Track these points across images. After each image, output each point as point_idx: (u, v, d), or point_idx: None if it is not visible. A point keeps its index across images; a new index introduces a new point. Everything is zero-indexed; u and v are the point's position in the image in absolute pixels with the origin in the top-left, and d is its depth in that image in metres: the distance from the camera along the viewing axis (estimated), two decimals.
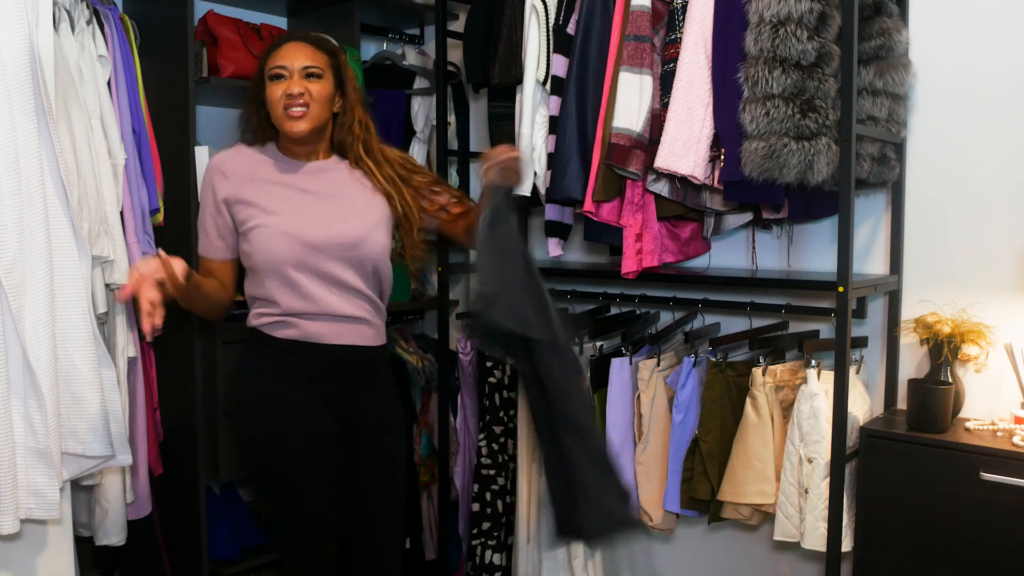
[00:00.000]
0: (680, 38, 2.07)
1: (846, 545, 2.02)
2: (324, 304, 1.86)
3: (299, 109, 1.86)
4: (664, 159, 2.04)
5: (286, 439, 1.85)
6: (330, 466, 1.91)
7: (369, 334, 1.93)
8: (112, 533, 2.20)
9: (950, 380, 2.07)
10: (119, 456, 1.79)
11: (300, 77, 1.87)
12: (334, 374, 1.89)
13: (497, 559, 2.58)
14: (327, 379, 1.89)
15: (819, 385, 2.07)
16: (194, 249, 2.31)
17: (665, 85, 2.12)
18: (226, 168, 1.92)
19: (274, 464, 1.88)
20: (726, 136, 1.97)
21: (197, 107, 2.42)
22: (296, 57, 1.88)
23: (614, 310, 2.69)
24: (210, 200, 1.92)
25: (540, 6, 2.27)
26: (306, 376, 1.87)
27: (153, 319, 1.59)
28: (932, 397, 2.00)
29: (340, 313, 1.87)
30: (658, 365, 2.32)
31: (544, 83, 2.29)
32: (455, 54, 2.78)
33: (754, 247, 2.48)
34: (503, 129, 2.52)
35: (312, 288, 1.85)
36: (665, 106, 2.09)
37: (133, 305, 2.25)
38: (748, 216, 2.33)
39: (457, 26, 2.90)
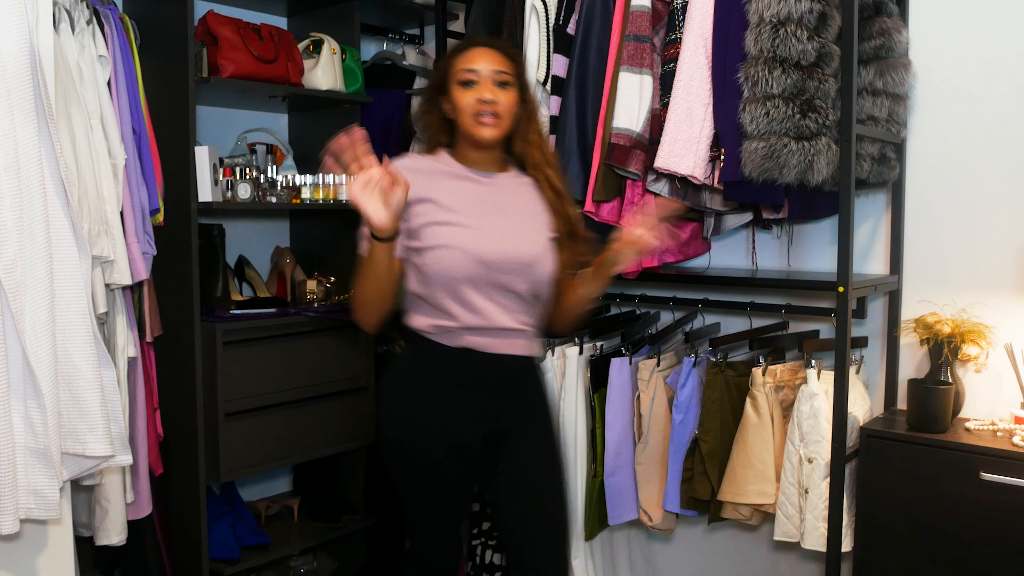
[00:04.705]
0: (680, 38, 2.07)
1: (846, 545, 2.02)
2: (491, 318, 1.82)
3: (490, 118, 1.83)
4: (664, 159, 2.04)
5: (432, 447, 1.85)
6: (471, 474, 1.93)
7: (526, 345, 1.90)
8: (112, 533, 2.20)
9: (950, 380, 2.07)
10: (119, 456, 1.78)
11: (491, 83, 1.83)
12: (492, 383, 1.87)
13: (497, 559, 2.58)
14: (484, 388, 1.86)
15: (819, 385, 2.07)
16: (194, 251, 2.32)
17: (665, 85, 2.12)
18: (411, 165, 1.85)
19: (420, 469, 1.88)
20: (726, 136, 1.97)
21: (197, 107, 2.42)
22: (488, 60, 1.84)
23: (614, 310, 2.69)
24: None
25: (540, 6, 2.27)
26: (465, 385, 1.85)
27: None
28: (932, 397, 2.00)
29: (505, 326, 1.84)
30: (658, 365, 2.32)
31: (544, 83, 2.29)
32: None
33: (754, 247, 2.48)
34: None
35: (482, 303, 1.81)
36: (665, 106, 2.09)
37: (133, 305, 2.25)
38: (748, 216, 2.33)
39: (457, 26, 2.90)
